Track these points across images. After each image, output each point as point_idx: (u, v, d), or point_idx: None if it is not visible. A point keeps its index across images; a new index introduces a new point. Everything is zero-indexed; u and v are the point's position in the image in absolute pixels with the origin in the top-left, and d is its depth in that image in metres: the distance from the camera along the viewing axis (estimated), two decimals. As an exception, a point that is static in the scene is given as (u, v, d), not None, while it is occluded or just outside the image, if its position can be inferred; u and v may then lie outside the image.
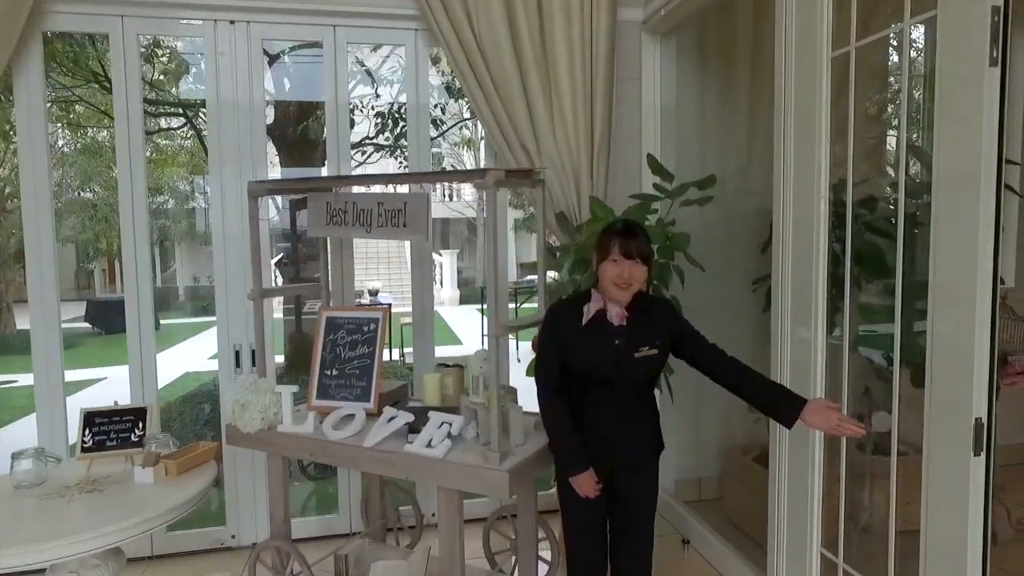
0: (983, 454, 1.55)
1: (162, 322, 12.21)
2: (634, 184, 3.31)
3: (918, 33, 2.85)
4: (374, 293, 9.85)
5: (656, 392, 2.88)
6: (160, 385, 2.95)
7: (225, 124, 2.94)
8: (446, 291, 14.85)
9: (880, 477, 2.55)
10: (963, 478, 1.60)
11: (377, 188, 2.29)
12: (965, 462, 1.58)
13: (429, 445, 2.01)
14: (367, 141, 6.30)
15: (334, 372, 2.43)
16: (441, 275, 15.11)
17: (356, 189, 2.44)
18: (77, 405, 2.48)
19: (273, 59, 6.35)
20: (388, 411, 2.21)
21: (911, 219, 2.09)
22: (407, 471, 2.01)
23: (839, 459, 2.09)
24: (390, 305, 8.98)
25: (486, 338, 2.06)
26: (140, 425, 2.24)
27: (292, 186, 2.44)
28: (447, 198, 15.93)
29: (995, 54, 1.50)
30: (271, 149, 6.09)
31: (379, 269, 14.75)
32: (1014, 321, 2.83)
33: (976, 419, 1.54)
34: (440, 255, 15.17)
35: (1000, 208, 1.58)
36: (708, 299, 3.21)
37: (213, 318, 2.97)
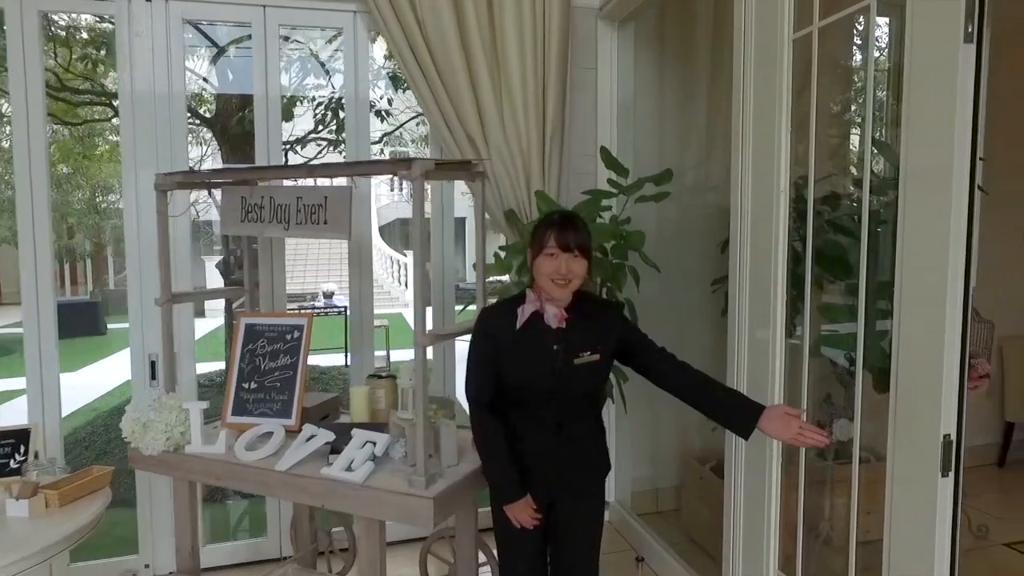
0: (951, 474, 1.40)
1: (110, 326, 11.71)
2: (590, 180, 3.13)
3: (881, 32, 2.73)
4: (329, 295, 9.47)
5: (608, 402, 2.72)
6: (101, 393, 2.66)
7: (141, 112, 2.67)
8: (411, 293, 14.54)
9: (842, 485, 2.42)
10: (930, 500, 1.44)
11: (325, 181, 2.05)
12: (932, 483, 1.42)
13: (349, 468, 1.79)
14: (313, 136, 6.01)
15: (252, 385, 2.19)
16: (406, 276, 14.81)
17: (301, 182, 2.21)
18: (9, 417, 2.20)
19: (219, 53, 6.05)
20: (308, 429, 1.98)
21: (875, 217, 1.94)
22: (323, 498, 1.78)
23: (797, 468, 1.94)
24: (346, 308, 8.66)
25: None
26: (21, 449, 1.96)
27: (205, 178, 2.20)
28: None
29: (970, 29, 1.35)
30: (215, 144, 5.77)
31: (342, 269, 14.30)
32: (977, 323, 2.73)
33: (945, 436, 1.38)
34: (405, 255, 14.86)
35: (974, 201, 1.43)
36: (665, 301, 3.05)
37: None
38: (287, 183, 2.34)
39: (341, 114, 5.46)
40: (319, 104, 5.70)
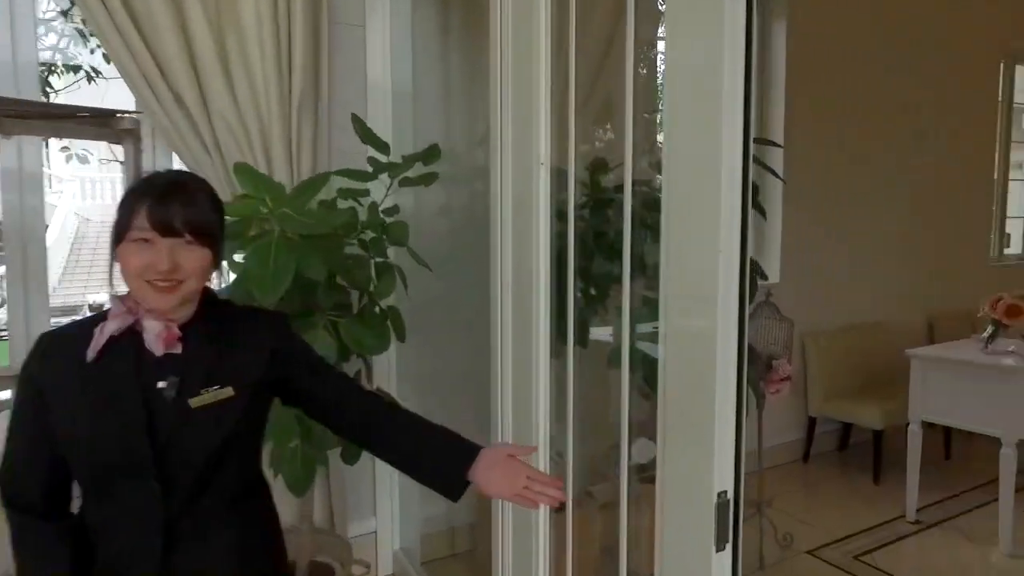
0: (728, 546, 1.01)
1: None
2: (358, 160, 2.57)
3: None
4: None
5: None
6: None
7: None
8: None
9: (648, 507, 2.11)
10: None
11: None
12: (705, 558, 1.02)
13: None
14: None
15: None
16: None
17: None
18: None
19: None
20: None
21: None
22: None
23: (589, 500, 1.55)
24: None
25: None
26: None
27: None
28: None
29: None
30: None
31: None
32: (779, 321, 2.55)
33: (719, 494, 0.99)
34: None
35: (748, 173, 1.06)
36: (444, 307, 2.57)
37: None
38: None
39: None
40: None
